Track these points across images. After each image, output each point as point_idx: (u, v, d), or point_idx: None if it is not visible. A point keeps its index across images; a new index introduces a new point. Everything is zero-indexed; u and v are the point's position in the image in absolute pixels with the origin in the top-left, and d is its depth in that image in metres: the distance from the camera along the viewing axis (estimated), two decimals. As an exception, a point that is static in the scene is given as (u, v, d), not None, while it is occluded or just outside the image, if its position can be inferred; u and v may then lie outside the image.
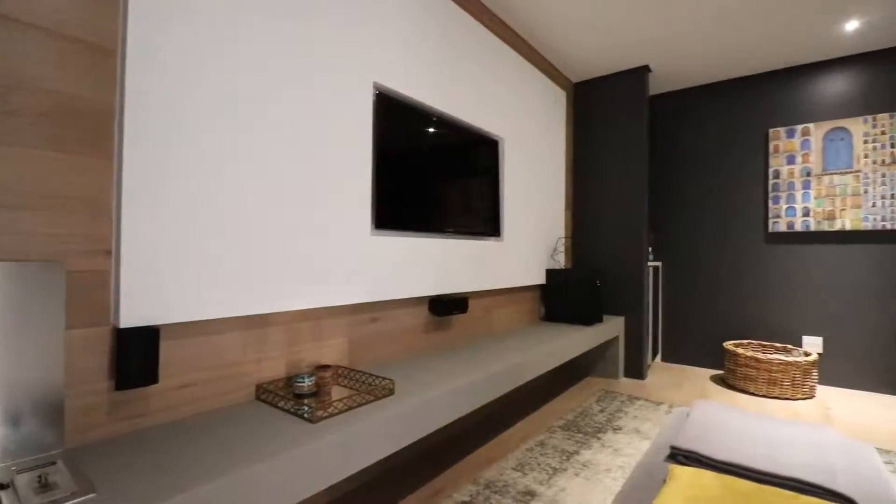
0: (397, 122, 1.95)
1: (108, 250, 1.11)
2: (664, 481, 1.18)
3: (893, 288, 3.02)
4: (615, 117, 3.48)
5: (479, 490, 1.75)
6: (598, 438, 2.27)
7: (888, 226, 3.02)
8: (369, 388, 1.49)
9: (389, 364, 1.87)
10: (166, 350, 1.21)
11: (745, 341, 3.43)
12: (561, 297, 3.09)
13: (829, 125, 3.22)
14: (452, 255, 2.22)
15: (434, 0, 2.12)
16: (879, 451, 2.18)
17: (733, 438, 1.39)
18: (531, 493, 1.73)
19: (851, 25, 2.80)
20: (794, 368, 2.91)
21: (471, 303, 2.45)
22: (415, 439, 1.41)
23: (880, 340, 3.06)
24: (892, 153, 3.03)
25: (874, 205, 3.07)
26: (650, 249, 3.86)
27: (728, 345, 3.28)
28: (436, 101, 2.14)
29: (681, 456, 1.32)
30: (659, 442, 1.48)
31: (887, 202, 3.04)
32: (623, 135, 3.44)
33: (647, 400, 2.89)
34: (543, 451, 2.12)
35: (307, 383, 1.41)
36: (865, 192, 3.10)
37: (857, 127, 3.13)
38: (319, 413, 1.23)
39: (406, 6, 1.96)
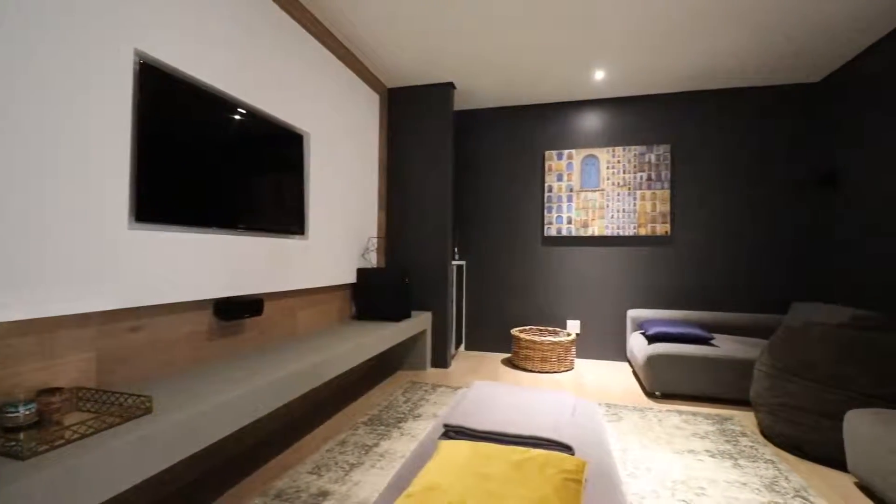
0: (175, 102, 1.71)
1: None
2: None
3: (621, 279, 3.96)
4: (425, 125, 3.72)
5: (268, 502, 1.66)
6: (399, 428, 2.39)
7: (621, 232, 3.95)
8: (120, 409, 1.27)
9: (158, 379, 1.63)
10: None
11: (527, 327, 4.06)
12: (371, 296, 3.15)
13: (585, 152, 4.05)
14: (245, 254, 2.06)
15: (225, -27, 1.94)
16: (609, 405, 2.82)
17: (496, 410, 1.62)
18: (324, 494, 1.72)
19: (599, 75, 3.56)
20: (559, 347, 3.56)
21: (269, 304, 2.31)
22: (178, 460, 1.26)
23: (614, 320, 3.99)
24: (623, 178, 3.97)
25: (613, 216, 3.98)
26: (455, 249, 4.25)
27: (514, 331, 3.84)
28: (230, 86, 1.96)
29: (451, 431, 1.48)
30: (438, 422, 1.63)
31: (620, 214, 3.96)
32: (432, 142, 3.70)
33: (448, 386, 3.16)
34: (343, 449, 2.13)
35: (23, 412, 1.12)
36: (607, 206, 4.00)
37: (603, 155, 4.01)
38: (34, 446, 1.00)
39: (186, -28, 1.74)
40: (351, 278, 3.09)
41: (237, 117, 2.01)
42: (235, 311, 1.94)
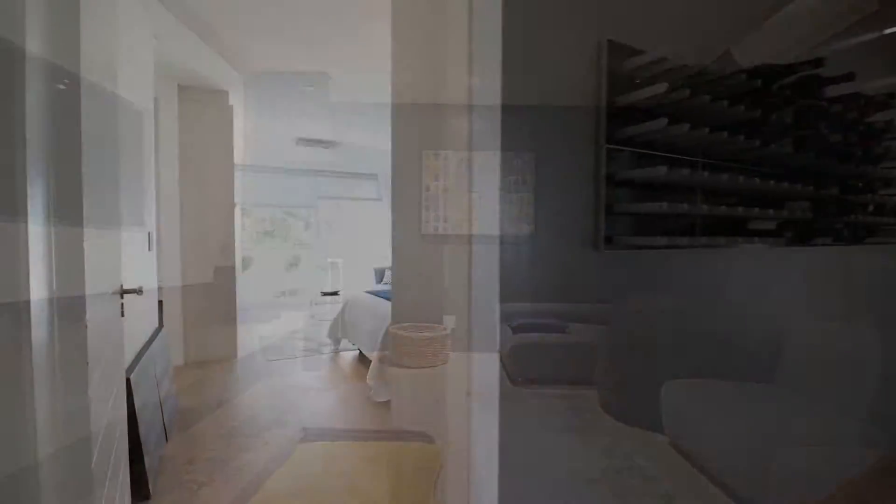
0: None
1: None
2: (287, 463, 1.23)
3: (494, 275, 4.23)
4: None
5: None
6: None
7: (493, 231, 4.21)
8: None
9: None
10: None
11: (405, 324, 4.10)
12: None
13: (461, 154, 4.23)
14: None
15: None
16: (478, 394, 2.97)
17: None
18: (164, 519, 1.52)
19: (474, 82, 3.74)
20: (435, 342, 3.66)
21: None
22: None
23: (482, 315, 4.23)
24: (495, 180, 4.23)
25: (486, 216, 4.22)
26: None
27: (392, 328, 3.85)
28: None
29: (311, 434, 1.42)
30: (299, 427, 1.55)
31: (493, 214, 4.22)
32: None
33: (320, 389, 3.04)
34: (193, 466, 1.90)
35: None
36: (481, 206, 4.22)
37: (477, 158, 4.22)
38: None
39: None
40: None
41: None
42: None
